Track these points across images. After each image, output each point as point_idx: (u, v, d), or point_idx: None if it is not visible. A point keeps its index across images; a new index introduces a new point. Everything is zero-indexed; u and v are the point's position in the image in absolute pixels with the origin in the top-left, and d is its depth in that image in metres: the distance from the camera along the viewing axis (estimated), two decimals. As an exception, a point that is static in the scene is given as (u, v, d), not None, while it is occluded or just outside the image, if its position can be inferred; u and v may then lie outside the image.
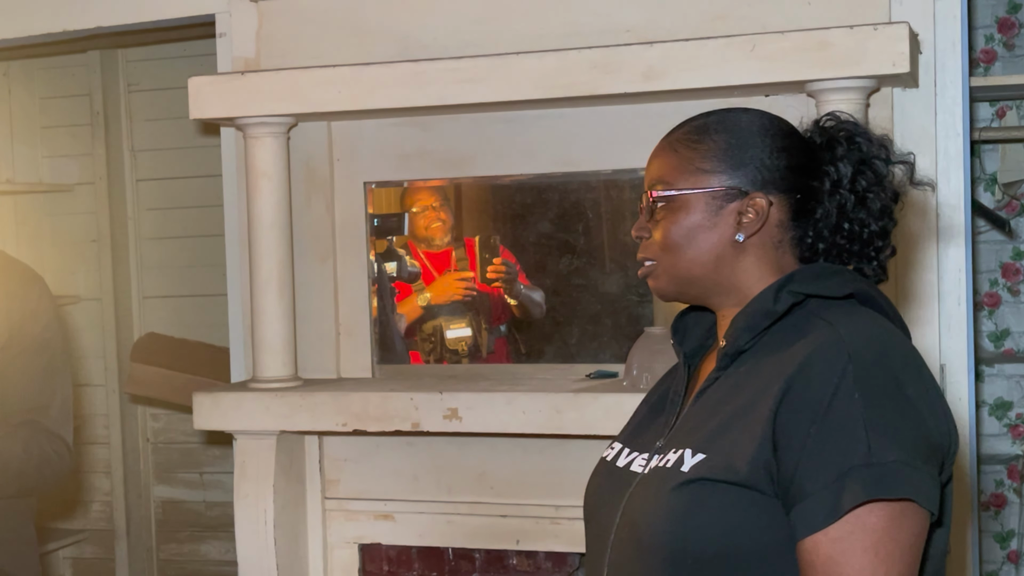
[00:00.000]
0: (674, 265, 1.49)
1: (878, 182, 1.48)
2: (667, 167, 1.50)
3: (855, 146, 1.49)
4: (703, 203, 1.47)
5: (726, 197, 1.46)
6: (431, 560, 3.09)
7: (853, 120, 1.52)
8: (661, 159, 1.52)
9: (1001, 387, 4.16)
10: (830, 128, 1.52)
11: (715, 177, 1.47)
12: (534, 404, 2.76)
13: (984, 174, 4.15)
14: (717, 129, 1.49)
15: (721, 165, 1.47)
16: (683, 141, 1.51)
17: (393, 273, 3.15)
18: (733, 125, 1.50)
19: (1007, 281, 4.17)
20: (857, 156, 1.48)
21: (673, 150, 1.51)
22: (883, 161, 1.49)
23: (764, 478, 1.32)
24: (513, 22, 3.03)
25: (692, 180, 1.48)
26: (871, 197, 1.47)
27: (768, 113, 1.53)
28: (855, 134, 1.50)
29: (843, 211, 1.47)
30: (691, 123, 1.53)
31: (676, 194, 1.48)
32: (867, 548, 1.27)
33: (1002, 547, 4.13)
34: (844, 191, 1.47)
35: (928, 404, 1.33)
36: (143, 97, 4.93)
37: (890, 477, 1.26)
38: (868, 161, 1.48)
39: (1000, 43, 4.13)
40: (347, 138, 3.16)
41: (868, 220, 1.48)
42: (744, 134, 1.48)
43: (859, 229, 1.48)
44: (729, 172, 1.47)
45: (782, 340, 1.40)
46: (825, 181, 1.48)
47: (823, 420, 1.29)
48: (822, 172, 1.48)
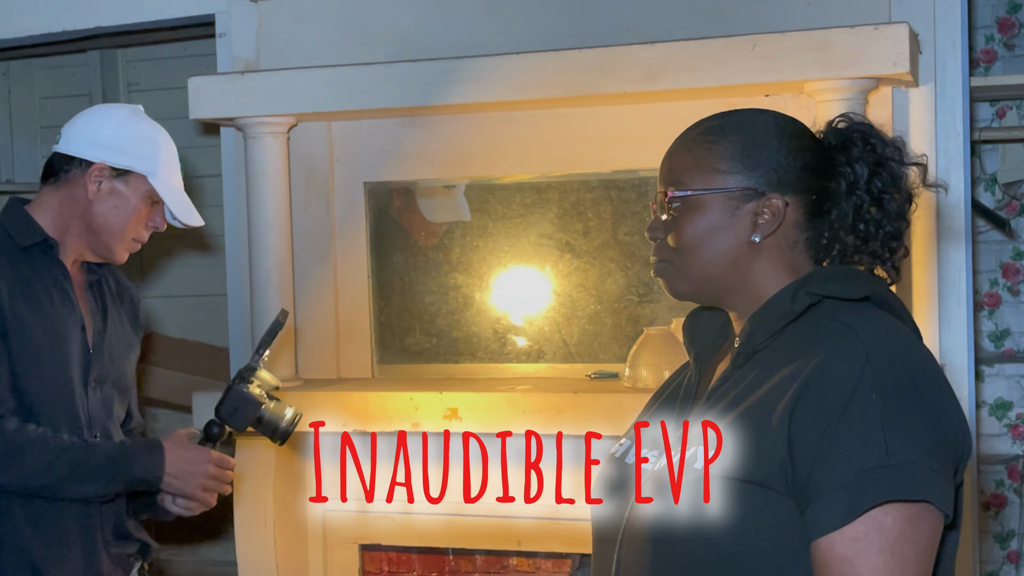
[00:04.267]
0: (689, 266, 1.48)
1: (894, 183, 1.48)
2: (682, 167, 1.49)
3: (870, 147, 1.48)
4: (719, 204, 1.46)
5: (742, 198, 1.45)
6: (431, 560, 3.09)
7: (867, 121, 1.51)
8: (676, 159, 1.51)
9: (1001, 387, 4.15)
10: (844, 129, 1.51)
11: (731, 177, 1.46)
12: (534, 404, 2.76)
13: (984, 174, 4.15)
14: (732, 130, 1.48)
15: (737, 166, 1.46)
16: (698, 141, 1.50)
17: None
18: (748, 126, 1.49)
19: (1007, 281, 4.17)
20: (873, 157, 1.48)
21: (688, 150, 1.50)
22: (897, 163, 1.48)
23: (778, 477, 1.32)
24: (513, 22, 3.03)
25: (708, 180, 1.47)
26: (887, 198, 1.47)
27: (782, 114, 1.52)
28: (870, 136, 1.49)
29: (859, 212, 1.47)
30: (706, 123, 1.52)
31: (692, 194, 1.47)
32: (883, 549, 1.26)
33: (1002, 547, 4.13)
34: (861, 192, 1.47)
35: (944, 407, 1.33)
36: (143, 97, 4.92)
37: (907, 478, 1.26)
38: (884, 163, 1.47)
39: (1000, 43, 4.13)
40: (347, 138, 3.16)
41: (884, 221, 1.47)
42: (759, 135, 1.47)
43: (874, 230, 1.47)
44: (745, 173, 1.46)
45: (798, 341, 1.40)
46: (841, 182, 1.47)
47: (840, 420, 1.29)
48: (837, 173, 1.48)
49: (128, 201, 2.38)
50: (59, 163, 2.40)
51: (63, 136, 2.41)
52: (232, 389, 2.41)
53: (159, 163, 2.40)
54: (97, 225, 2.37)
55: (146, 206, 2.41)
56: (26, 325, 2.26)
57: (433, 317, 3.19)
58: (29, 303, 2.29)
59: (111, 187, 2.37)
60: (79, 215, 2.37)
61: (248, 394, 2.41)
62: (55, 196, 2.39)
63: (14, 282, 2.28)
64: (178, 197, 2.45)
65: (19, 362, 2.25)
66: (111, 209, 2.37)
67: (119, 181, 2.38)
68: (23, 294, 2.28)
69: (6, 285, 2.26)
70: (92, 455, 2.29)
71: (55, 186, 2.40)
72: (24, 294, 2.28)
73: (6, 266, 2.28)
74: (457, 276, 3.17)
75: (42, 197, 2.40)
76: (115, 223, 2.38)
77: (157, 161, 2.40)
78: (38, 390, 2.28)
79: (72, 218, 2.37)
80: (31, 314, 2.28)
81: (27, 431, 2.22)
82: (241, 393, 2.41)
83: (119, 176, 2.37)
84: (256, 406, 2.41)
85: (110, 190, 2.37)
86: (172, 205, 2.42)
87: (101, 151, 2.37)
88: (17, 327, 2.25)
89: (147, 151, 2.40)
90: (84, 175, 2.36)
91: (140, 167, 2.38)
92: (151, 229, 2.46)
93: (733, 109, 1.53)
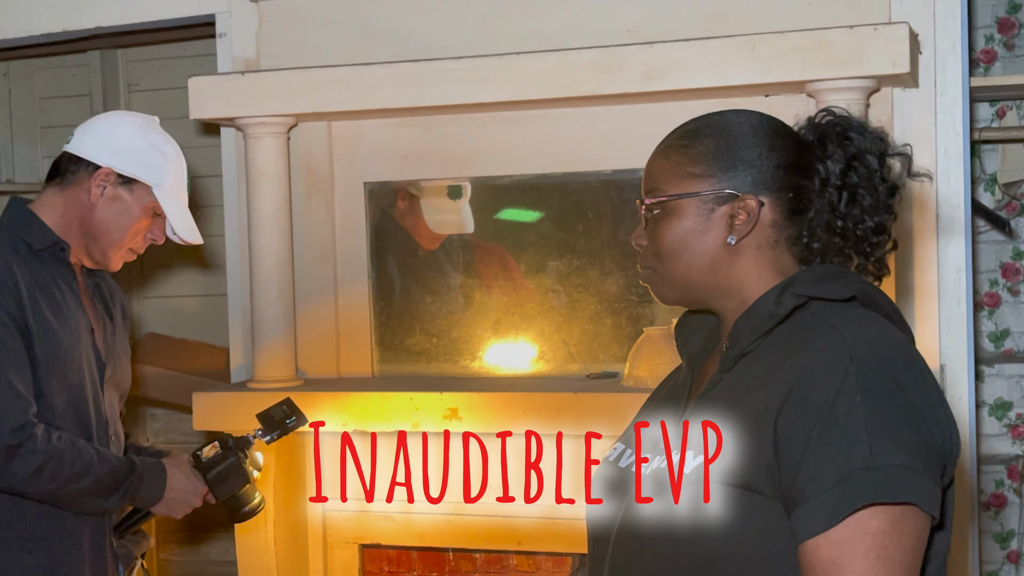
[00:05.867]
0: (671, 271, 1.49)
1: (870, 177, 1.46)
2: (659, 173, 1.50)
3: (847, 141, 1.47)
4: (694, 208, 1.46)
5: (717, 200, 1.45)
6: (431, 560, 3.09)
7: (846, 115, 1.50)
8: (654, 166, 1.52)
9: (1001, 387, 4.15)
10: (823, 124, 1.50)
11: (705, 181, 1.46)
12: (534, 404, 2.76)
13: (984, 174, 4.15)
14: (706, 133, 1.49)
15: (711, 168, 1.46)
16: (674, 147, 1.50)
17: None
18: (722, 127, 1.49)
19: (1007, 281, 4.17)
20: (850, 151, 1.46)
21: (665, 156, 1.51)
22: (875, 155, 1.47)
23: (765, 480, 1.32)
24: (513, 22, 3.03)
25: (683, 185, 1.47)
26: (861, 193, 1.45)
27: (760, 113, 1.52)
28: (848, 129, 1.48)
29: (834, 209, 1.46)
30: (683, 128, 1.52)
31: (666, 200, 1.48)
32: (868, 551, 1.26)
33: (1002, 547, 4.13)
34: (832, 189, 1.46)
35: (930, 408, 1.32)
36: (143, 97, 4.92)
37: (892, 481, 1.26)
38: (860, 156, 1.46)
39: (1000, 43, 4.12)
40: (347, 138, 3.16)
41: (863, 216, 1.46)
42: (733, 136, 1.47)
43: (852, 226, 1.46)
44: (719, 175, 1.46)
45: (785, 342, 1.39)
46: (815, 179, 1.47)
47: (825, 423, 1.28)
48: (813, 170, 1.47)
49: (130, 210, 2.38)
50: (66, 164, 2.40)
51: (75, 136, 2.41)
52: (233, 461, 2.44)
53: (166, 176, 2.40)
54: (96, 230, 2.37)
55: (147, 217, 2.41)
56: (47, 329, 2.26)
57: (433, 317, 3.19)
58: (49, 306, 2.28)
59: (115, 193, 2.37)
60: (79, 218, 2.36)
61: (243, 469, 2.46)
62: (59, 197, 2.38)
63: (33, 286, 2.27)
64: (180, 213, 2.44)
65: (42, 365, 2.25)
66: (112, 215, 2.37)
67: (123, 189, 2.38)
68: (42, 298, 2.28)
69: (27, 288, 2.25)
70: (111, 471, 2.30)
71: (60, 187, 2.39)
72: (43, 298, 2.28)
73: (25, 269, 2.28)
74: (457, 276, 3.17)
75: (46, 197, 2.40)
76: (114, 230, 2.38)
77: (164, 174, 2.40)
78: (59, 394, 2.28)
79: (73, 220, 2.37)
80: (51, 317, 2.28)
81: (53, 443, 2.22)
82: (238, 467, 2.45)
83: (124, 184, 2.37)
84: (243, 483, 2.46)
85: (113, 196, 2.37)
86: (173, 220, 2.42)
87: (110, 156, 2.37)
88: (39, 331, 2.25)
89: (156, 162, 2.40)
90: (90, 178, 2.36)
91: (146, 177, 2.38)
92: (149, 241, 2.46)
93: (712, 112, 1.53)
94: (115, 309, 2.52)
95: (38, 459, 2.18)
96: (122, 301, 2.59)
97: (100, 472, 2.27)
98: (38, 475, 2.19)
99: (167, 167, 2.40)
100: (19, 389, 2.19)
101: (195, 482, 2.42)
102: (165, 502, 2.39)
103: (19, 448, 2.16)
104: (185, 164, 2.49)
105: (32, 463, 2.18)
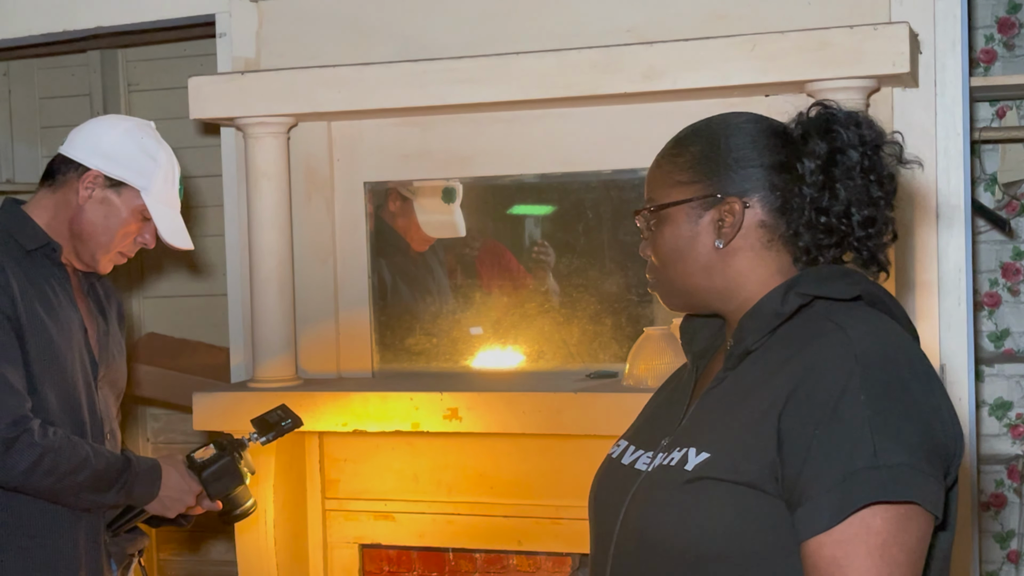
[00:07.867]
0: (671, 279, 1.51)
1: (850, 170, 1.44)
2: (653, 184, 1.53)
3: (830, 135, 1.45)
4: (683, 215, 1.48)
5: (703, 205, 1.46)
6: (431, 560, 3.09)
7: (833, 108, 1.48)
8: (650, 177, 1.54)
9: (1001, 387, 4.15)
10: (808, 120, 1.48)
11: (691, 187, 1.47)
12: (534, 404, 2.76)
13: (984, 174, 4.15)
14: (693, 139, 1.50)
15: (697, 175, 1.47)
16: (665, 156, 1.52)
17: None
18: (708, 133, 1.49)
19: (1007, 281, 4.17)
20: (832, 146, 1.44)
21: (658, 166, 1.53)
22: (859, 148, 1.44)
23: (769, 478, 1.32)
24: (513, 22, 3.03)
25: (672, 194, 1.49)
26: (839, 187, 1.44)
27: (749, 114, 1.52)
28: (832, 123, 1.46)
29: (815, 205, 1.44)
30: (675, 136, 1.54)
31: (657, 210, 1.50)
32: (871, 550, 1.26)
33: (1002, 547, 4.13)
34: (807, 187, 1.44)
35: (934, 407, 1.32)
36: (143, 97, 4.92)
37: (895, 480, 1.26)
38: (843, 150, 1.44)
39: (1000, 43, 4.12)
40: (347, 138, 3.16)
41: (848, 210, 1.44)
42: (718, 140, 1.48)
43: (836, 221, 1.45)
44: (704, 181, 1.47)
45: (789, 341, 1.39)
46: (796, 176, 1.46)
47: (829, 422, 1.28)
48: (794, 168, 1.46)
49: (118, 212, 2.39)
50: (58, 165, 2.41)
51: (69, 139, 2.43)
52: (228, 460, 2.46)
53: (155, 180, 2.40)
54: (84, 232, 2.38)
55: (136, 221, 2.41)
56: (40, 327, 2.27)
57: (433, 317, 3.20)
58: (41, 306, 2.30)
59: (103, 196, 2.38)
60: (69, 220, 2.38)
61: (238, 470, 2.47)
62: (50, 198, 2.40)
63: (26, 285, 2.28)
64: (169, 217, 2.45)
65: (35, 363, 2.26)
66: (100, 218, 2.38)
67: (112, 191, 2.38)
68: (34, 297, 2.29)
69: (19, 288, 2.26)
70: (108, 467, 2.31)
71: (51, 188, 2.40)
72: (35, 297, 2.29)
73: (17, 269, 2.29)
74: (457, 276, 3.17)
75: (38, 199, 2.41)
76: (102, 232, 2.38)
77: (153, 178, 2.40)
78: (53, 391, 2.29)
79: (63, 222, 2.38)
80: (44, 316, 2.29)
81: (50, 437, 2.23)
82: (232, 467, 2.46)
83: (112, 186, 2.38)
84: (238, 484, 2.48)
85: (101, 199, 2.38)
86: (161, 224, 2.42)
87: (99, 159, 2.38)
88: (32, 329, 2.26)
89: (145, 166, 2.40)
90: (79, 180, 2.37)
91: (134, 180, 2.38)
92: (139, 245, 2.46)
93: (704, 117, 1.53)
94: (110, 309, 2.53)
95: (36, 452, 2.19)
96: (117, 301, 2.59)
97: (97, 467, 2.28)
98: (35, 468, 2.20)
99: (156, 171, 2.41)
100: (15, 384, 2.20)
101: (189, 480, 2.43)
102: (159, 500, 2.40)
103: (16, 441, 2.18)
104: (178, 169, 2.49)
105: (30, 456, 2.19)
